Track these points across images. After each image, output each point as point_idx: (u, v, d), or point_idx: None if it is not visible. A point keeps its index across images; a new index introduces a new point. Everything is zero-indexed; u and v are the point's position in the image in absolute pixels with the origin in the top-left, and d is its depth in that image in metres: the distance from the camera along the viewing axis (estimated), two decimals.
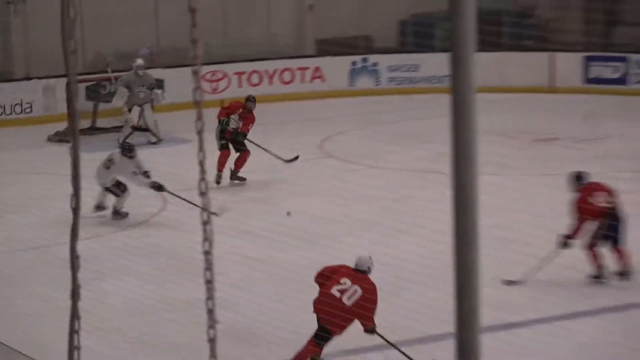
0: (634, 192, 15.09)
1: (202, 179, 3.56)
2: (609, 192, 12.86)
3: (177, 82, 19.08)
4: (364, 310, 9.26)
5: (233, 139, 16.33)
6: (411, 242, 13.18)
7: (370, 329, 9.24)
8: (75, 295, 3.96)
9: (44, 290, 11.68)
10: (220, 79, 22.36)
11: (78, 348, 4.08)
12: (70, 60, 3.55)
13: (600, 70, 24.10)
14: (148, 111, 18.30)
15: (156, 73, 20.15)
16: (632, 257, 12.28)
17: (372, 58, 23.92)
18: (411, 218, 14.29)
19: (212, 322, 3.69)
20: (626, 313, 12.01)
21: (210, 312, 3.73)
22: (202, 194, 3.78)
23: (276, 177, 17.10)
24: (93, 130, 18.88)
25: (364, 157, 18.45)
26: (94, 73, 20.11)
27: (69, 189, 3.92)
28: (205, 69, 20.46)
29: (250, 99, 16.84)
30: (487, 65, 20.72)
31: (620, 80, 23.78)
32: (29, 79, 20.83)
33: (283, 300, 11.60)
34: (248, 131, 16.58)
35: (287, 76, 23.40)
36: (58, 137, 18.04)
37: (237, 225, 13.45)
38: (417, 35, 25.08)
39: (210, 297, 3.78)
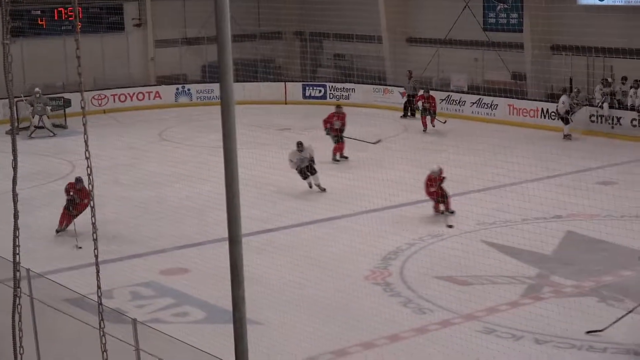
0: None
1: (87, 156, 6.18)
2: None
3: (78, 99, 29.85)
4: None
5: (338, 135, 24.51)
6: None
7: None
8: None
9: None
10: (103, 98, 32.89)
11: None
12: (10, 86, 5.91)
13: (311, 91, 35.53)
14: (45, 118, 27.74)
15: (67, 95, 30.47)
16: None
17: (188, 86, 34.84)
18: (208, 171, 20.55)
19: None
20: None
21: None
22: None
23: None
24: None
25: (184, 139, 27.78)
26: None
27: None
28: (93, 93, 31.52)
29: (339, 107, 25.65)
30: (249, 90, 32.69)
31: (323, 97, 35.20)
32: None
33: None
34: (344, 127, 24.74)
35: (140, 96, 33.90)
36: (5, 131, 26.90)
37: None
38: (212, 73, 35.15)
39: None
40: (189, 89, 34.35)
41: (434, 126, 28.62)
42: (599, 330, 12.22)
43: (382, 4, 33.94)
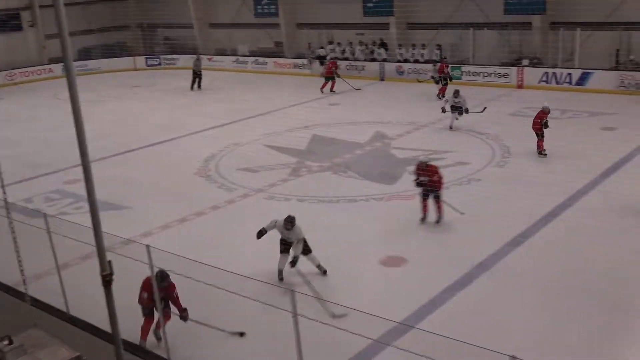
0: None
1: None
2: None
3: None
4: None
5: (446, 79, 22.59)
6: None
7: None
8: None
9: None
10: (13, 75, 32.43)
11: None
12: None
13: (151, 61, 34.65)
14: None
15: None
16: None
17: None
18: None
19: None
20: None
21: None
22: None
23: None
24: None
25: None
26: None
27: None
28: (5, 72, 29.93)
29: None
30: (109, 63, 33.40)
31: (159, 65, 34.48)
32: None
33: None
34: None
35: (38, 72, 32.95)
36: None
37: None
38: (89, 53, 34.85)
39: None
40: None
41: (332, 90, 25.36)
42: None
43: (191, 1, 34.53)
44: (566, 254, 10.39)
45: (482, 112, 17.74)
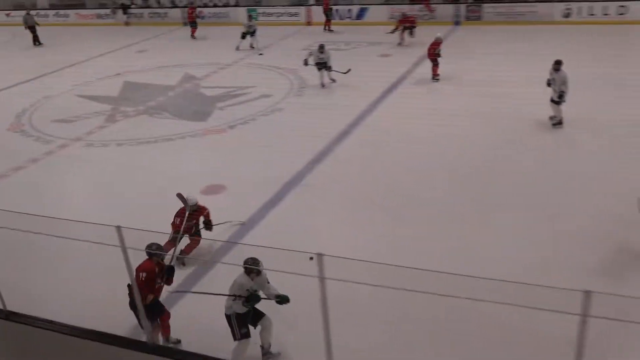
0: None
1: None
2: None
3: None
4: None
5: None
6: None
7: None
8: None
9: None
10: None
11: None
12: None
13: None
14: None
15: None
16: None
17: None
18: None
19: None
20: None
21: None
22: None
23: None
24: None
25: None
26: None
27: None
28: None
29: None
30: None
31: None
32: None
33: None
34: None
35: None
36: None
37: None
38: None
39: None
40: None
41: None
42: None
43: None
44: (361, 166, 10.93)
45: (346, 73, 15.20)
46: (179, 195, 8.28)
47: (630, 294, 3.93)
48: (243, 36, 20.68)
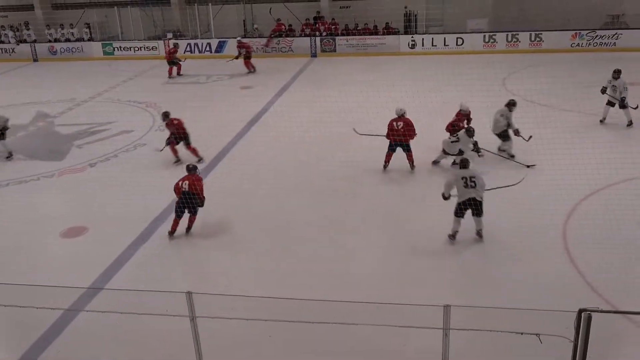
0: None
1: None
2: None
3: None
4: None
5: None
6: None
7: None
8: None
9: None
10: None
11: None
12: None
13: None
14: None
15: None
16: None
17: None
18: None
19: None
20: None
21: None
22: None
23: None
24: None
25: None
26: None
27: None
28: None
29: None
30: None
31: None
32: None
33: None
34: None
35: None
36: None
37: None
38: None
39: None
40: None
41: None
42: None
43: None
44: (238, 196, 10.82)
45: None
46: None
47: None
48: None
